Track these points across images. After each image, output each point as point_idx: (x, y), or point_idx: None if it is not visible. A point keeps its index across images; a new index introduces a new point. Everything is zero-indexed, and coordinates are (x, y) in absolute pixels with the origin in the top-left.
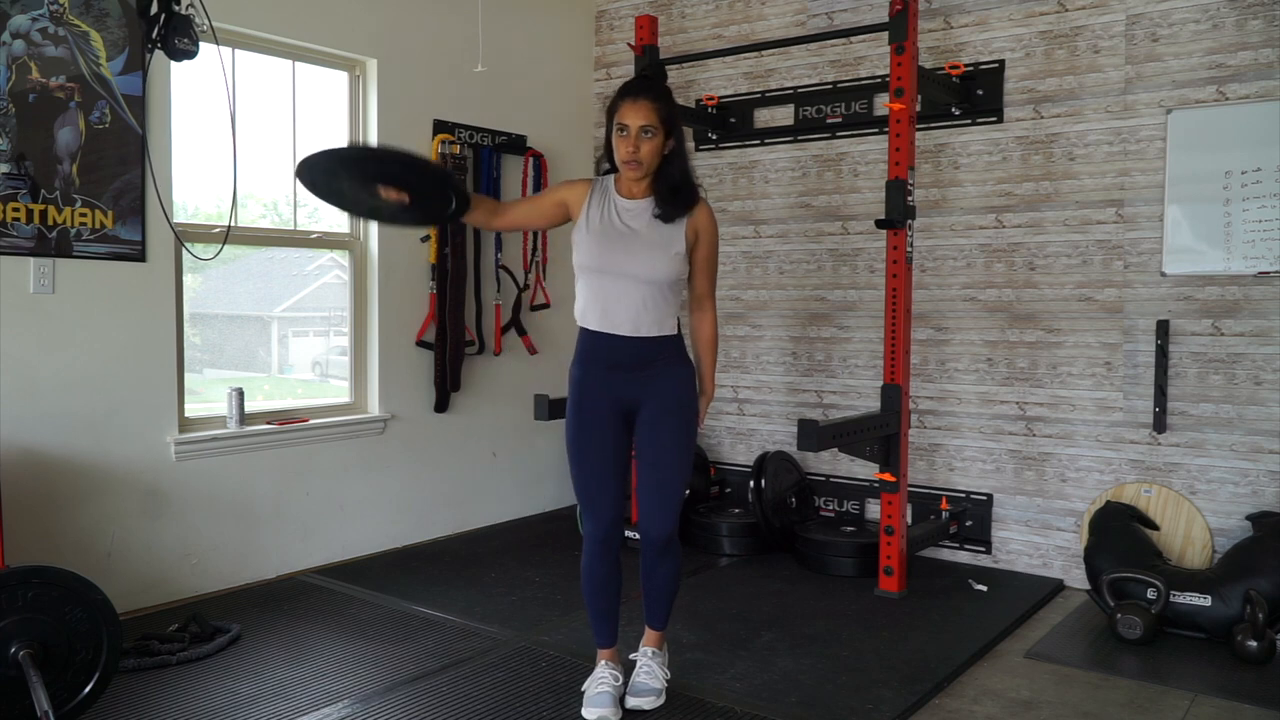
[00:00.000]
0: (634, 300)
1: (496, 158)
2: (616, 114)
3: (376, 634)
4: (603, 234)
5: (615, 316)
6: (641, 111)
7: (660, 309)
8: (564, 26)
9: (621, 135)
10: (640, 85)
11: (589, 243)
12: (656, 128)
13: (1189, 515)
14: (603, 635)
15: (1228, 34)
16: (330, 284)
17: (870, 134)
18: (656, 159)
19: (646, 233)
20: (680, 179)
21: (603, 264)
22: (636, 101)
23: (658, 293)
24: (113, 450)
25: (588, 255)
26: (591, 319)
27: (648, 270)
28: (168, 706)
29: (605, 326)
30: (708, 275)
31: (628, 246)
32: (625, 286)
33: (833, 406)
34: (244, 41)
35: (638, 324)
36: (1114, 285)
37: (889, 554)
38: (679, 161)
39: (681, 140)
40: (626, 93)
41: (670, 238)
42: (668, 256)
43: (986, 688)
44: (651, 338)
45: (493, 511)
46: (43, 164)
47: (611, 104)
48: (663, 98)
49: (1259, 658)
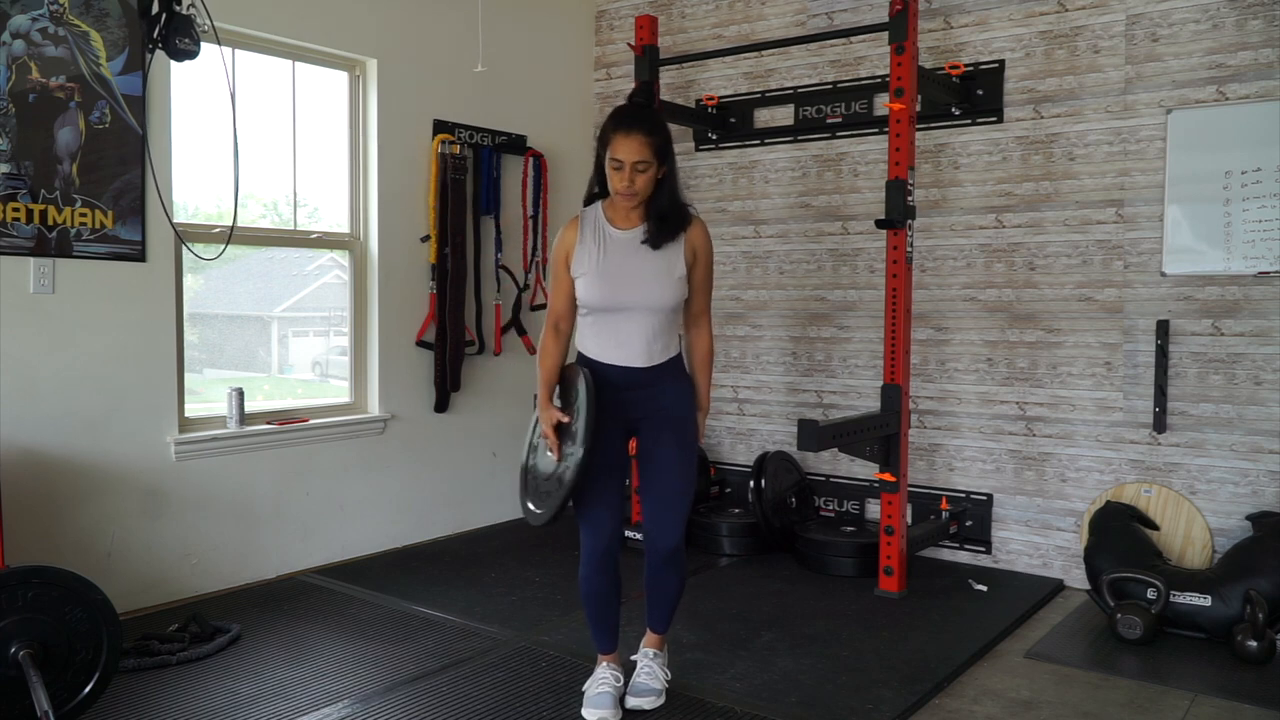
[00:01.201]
0: (645, 331)
1: (496, 158)
2: (609, 147)
3: (376, 634)
4: (606, 272)
5: (629, 350)
6: (635, 147)
7: (667, 334)
8: (564, 26)
9: (616, 169)
10: (633, 118)
11: (595, 284)
12: (650, 161)
13: (1189, 515)
14: (603, 643)
15: (1228, 34)
16: (330, 284)
17: (870, 134)
18: (651, 187)
19: (647, 262)
20: (669, 206)
21: (612, 302)
22: (630, 136)
23: (665, 319)
24: (113, 450)
25: (596, 296)
26: (607, 355)
27: (656, 299)
28: (168, 706)
29: (620, 360)
30: (705, 293)
31: (633, 279)
32: (635, 319)
33: (833, 406)
34: (244, 41)
35: (650, 354)
36: (1114, 285)
37: (889, 554)
38: (669, 185)
39: (673, 165)
40: (619, 126)
41: (671, 263)
42: (672, 282)
43: (986, 688)
44: (660, 364)
45: (493, 511)
46: (43, 164)
47: (603, 133)
48: (656, 130)
49: (1259, 658)
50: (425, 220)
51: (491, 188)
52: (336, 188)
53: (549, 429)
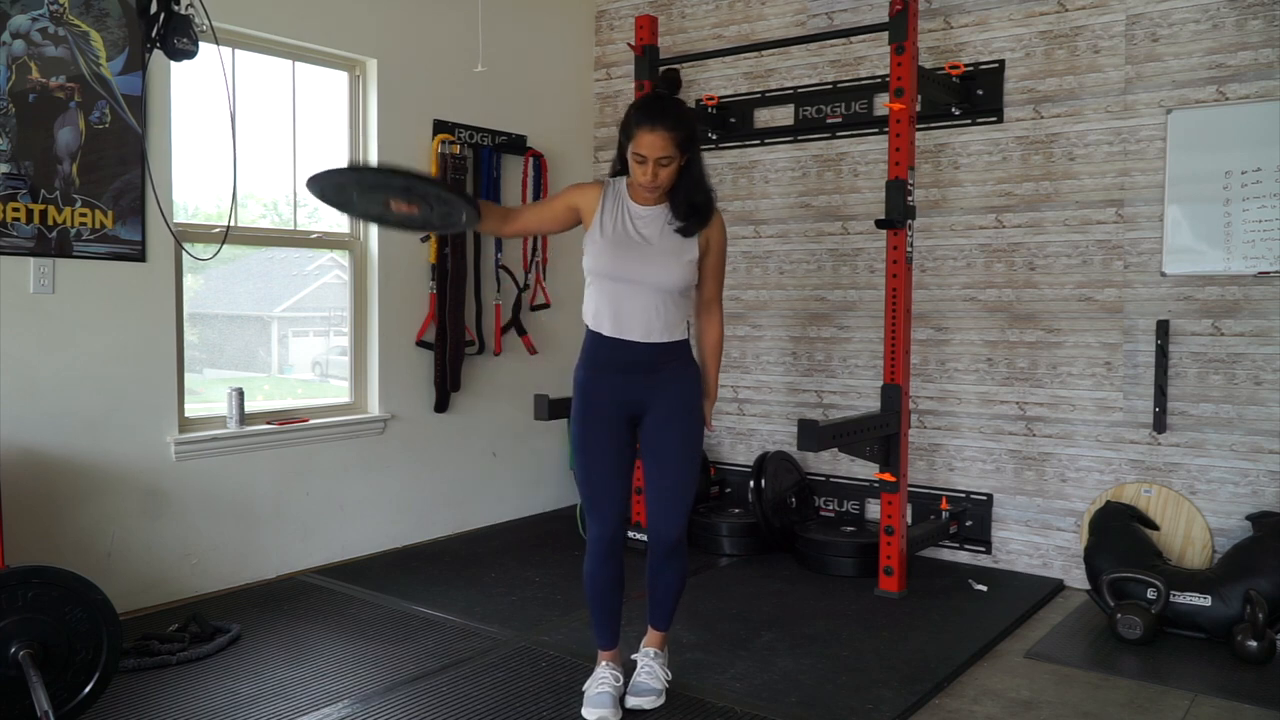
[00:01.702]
0: (646, 306)
1: (496, 158)
2: (632, 140)
3: (376, 634)
4: (617, 241)
5: (627, 322)
6: (659, 142)
7: (671, 315)
8: (564, 26)
9: (639, 162)
10: (657, 112)
11: (603, 249)
12: (674, 155)
13: (1189, 515)
14: (605, 637)
15: (1228, 34)
16: (330, 284)
17: (870, 134)
18: (674, 179)
19: (660, 240)
20: (699, 195)
21: (617, 271)
22: (654, 131)
23: (670, 299)
24: (113, 450)
25: (602, 262)
26: (604, 324)
27: (661, 278)
28: (168, 706)
29: (617, 332)
30: (716, 280)
31: (642, 254)
32: (638, 293)
33: (833, 406)
34: (244, 41)
35: (649, 330)
36: (1114, 285)
37: (889, 554)
38: (695, 173)
39: (697, 153)
40: (643, 119)
41: (684, 246)
42: (680, 264)
43: (986, 688)
44: (662, 343)
45: (493, 511)
46: (43, 164)
47: (626, 122)
48: (680, 124)
49: (1259, 658)
50: None
51: (491, 188)
52: None
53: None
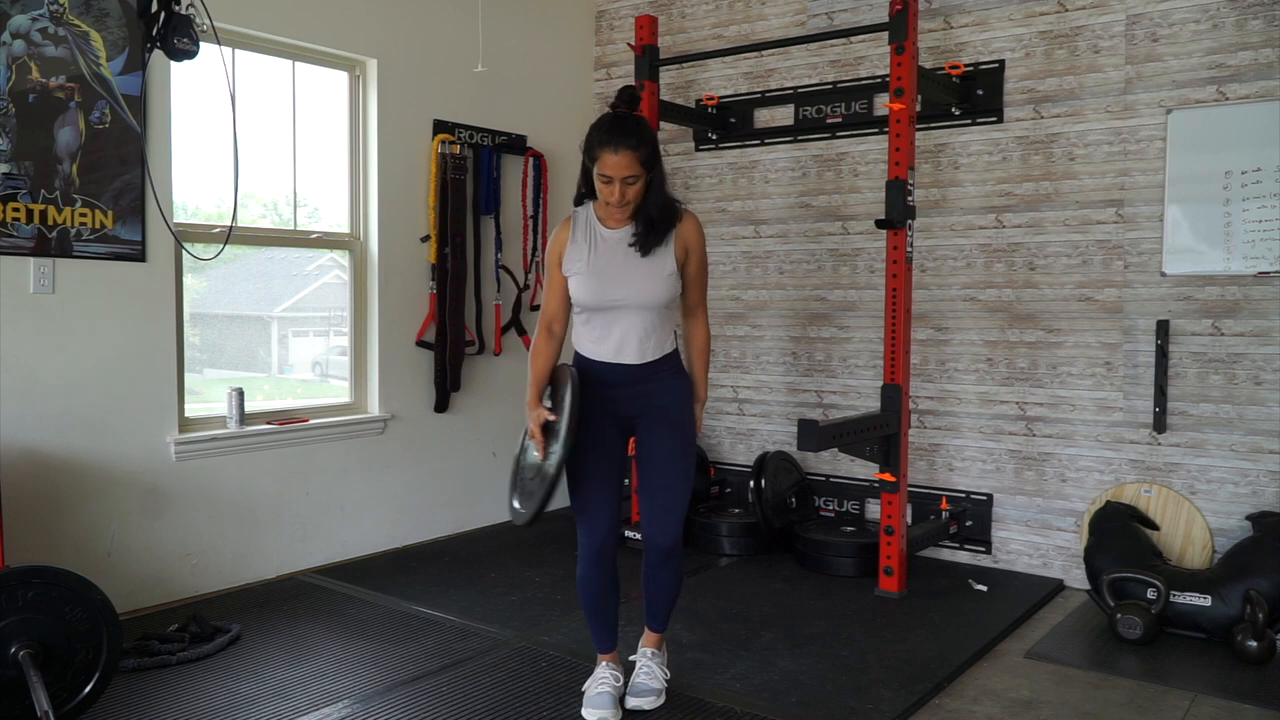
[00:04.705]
0: (639, 329)
1: (496, 158)
2: (597, 162)
3: (376, 634)
4: (597, 272)
5: (623, 348)
6: (624, 162)
7: (661, 330)
8: (564, 26)
9: (605, 183)
10: (618, 133)
11: (587, 283)
12: (639, 173)
13: (1189, 515)
14: (603, 642)
15: (1228, 34)
16: (330, 284)
17: (870, 134)
18: (642, 195)
19: (637, 260)
20: (657, 212)
21: (604, 300)
22: (618, 152)
23: (657, 315)
24: (113, 450)
25: (589, 295)
26: (602, 353)
27: (646, 296)
28: (168, 706)
29: (613, 358)
30: (700, 286)
31: (624, 278)
32: (628, 317)
33: (833, 406)
34: (244, 41)
35: (643, 351)
36: (1114, 285)
37: (889, 554)
38: (657, 188)
39: (659, 168)
40: (606, 141)
41: (661, 260)
42: (663, 278)
43: (986, 688)
44: (654, 360)
45: (493, 511)
46: (43, 164)
47: (589, 144)
48: (643, 141)
49: (1259, 658)
50: (425, 220)
51: (491, 188)
52: (336, 188)
53: (535, 427)
